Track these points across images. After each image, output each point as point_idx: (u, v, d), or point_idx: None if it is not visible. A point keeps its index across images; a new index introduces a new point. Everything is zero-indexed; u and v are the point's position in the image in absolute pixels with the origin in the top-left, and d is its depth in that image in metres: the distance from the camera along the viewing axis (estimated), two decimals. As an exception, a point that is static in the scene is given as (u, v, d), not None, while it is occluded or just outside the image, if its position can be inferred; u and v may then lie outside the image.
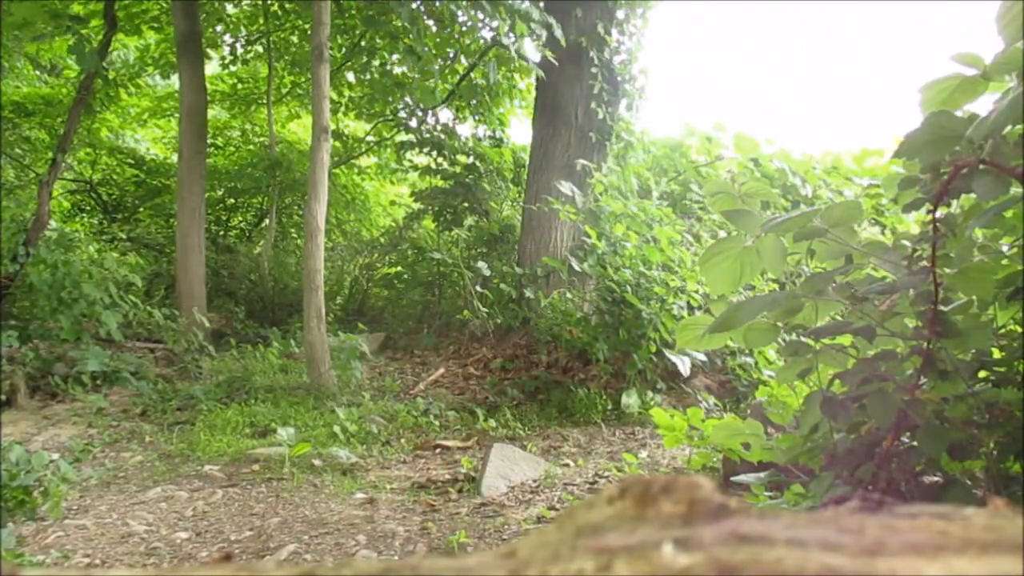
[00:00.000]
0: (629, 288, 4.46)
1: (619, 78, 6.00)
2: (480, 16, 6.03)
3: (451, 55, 6.84)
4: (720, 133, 6.85)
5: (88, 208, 9.48)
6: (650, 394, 4.41)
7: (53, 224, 5.84)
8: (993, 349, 1.31)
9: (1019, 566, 0.31)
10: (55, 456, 3.14)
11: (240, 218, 9.62)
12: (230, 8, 8.09)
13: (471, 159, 7.33)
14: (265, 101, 8.52)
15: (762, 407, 2.29)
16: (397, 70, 7.36)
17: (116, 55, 8.78)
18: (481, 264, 5.74)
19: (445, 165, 7.35)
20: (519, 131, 8.18)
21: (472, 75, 7.04)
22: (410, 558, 0.50)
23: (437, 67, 6.43)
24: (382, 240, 8.06)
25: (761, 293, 4.34)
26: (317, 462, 3.31)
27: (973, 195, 1.15)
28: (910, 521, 0.38)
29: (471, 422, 4.18)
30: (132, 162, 9.23)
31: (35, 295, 5.03)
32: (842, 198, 6.14)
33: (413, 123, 7.74)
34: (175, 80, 7.68)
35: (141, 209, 9.14)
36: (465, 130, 7.82)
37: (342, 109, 8.41)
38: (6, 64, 8.15)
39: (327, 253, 7.01)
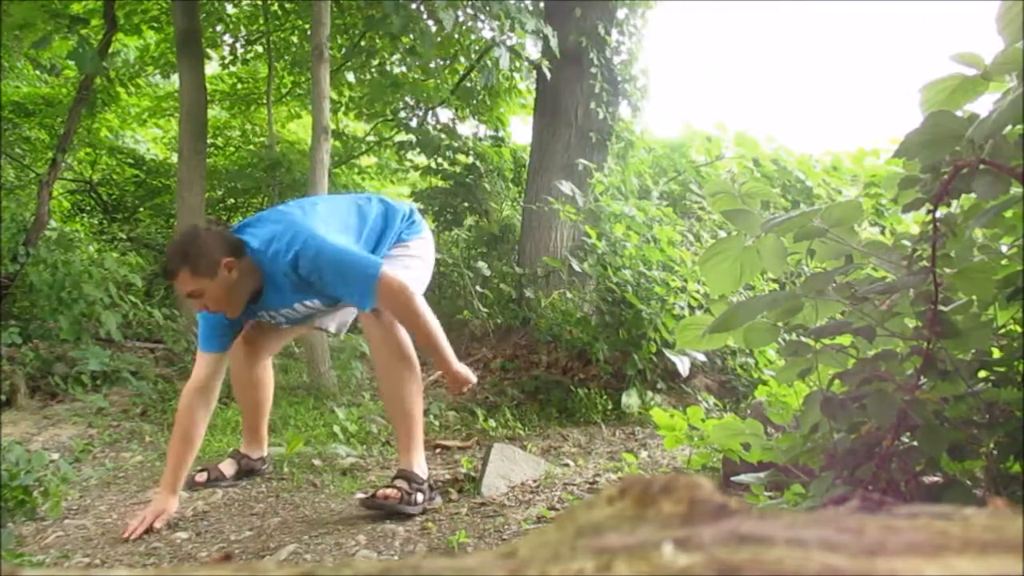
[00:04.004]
0: (629, 288, 4.46)
1: (619, 78, 5.99)
2: (480, 17, 6.03)
3: (450, 58, 6.83)
4: (721, 133, 6.84)
5: (88, 208, 9.47)
6: (650, 394, 4.40)
7: (53, 224, 5.84)
8: (993, 349, 1.31)
9: (1019, 566, 0.31)
10: (55, 456, 3.15)
11: (240, 218, 9.61)
12: (230, 8, 8.08)
13: (471, 159, 7.33)
14: (265, 101, 8.52)
15: (762, 407, 2.29)
16: (396, 70, 7.36)
17: (116, 55, 8.78)
18: (481, 264, 5.73)
19: (445, 165, 7.34)
20: (519, 131, 8.18)
21: (471, 76, 7.03)
22: (410, 558, 0.50)
23: (435, 64, 6.42)
24: (382, 240, 8.04)
25: (761, 293, 4.34)
26: (317, 462, 3.32)
27: (973, 195, 1.15)
28: (910, 521, 0.38)
29: (471, 422, 4.17)
30: (132, 162, 9.22)
31: (35, 295, 5.02)
32: (841, 197, 6.14)
33: (414, 123, 7.74)
34: (175, 80, 7.68)
35: (141, 209, 9.13)
36: (466, 130, 7.82)
37: (342, 109, 8.41)
38: (6, 64, 8.15)
39: (327, 253, 6.98)
